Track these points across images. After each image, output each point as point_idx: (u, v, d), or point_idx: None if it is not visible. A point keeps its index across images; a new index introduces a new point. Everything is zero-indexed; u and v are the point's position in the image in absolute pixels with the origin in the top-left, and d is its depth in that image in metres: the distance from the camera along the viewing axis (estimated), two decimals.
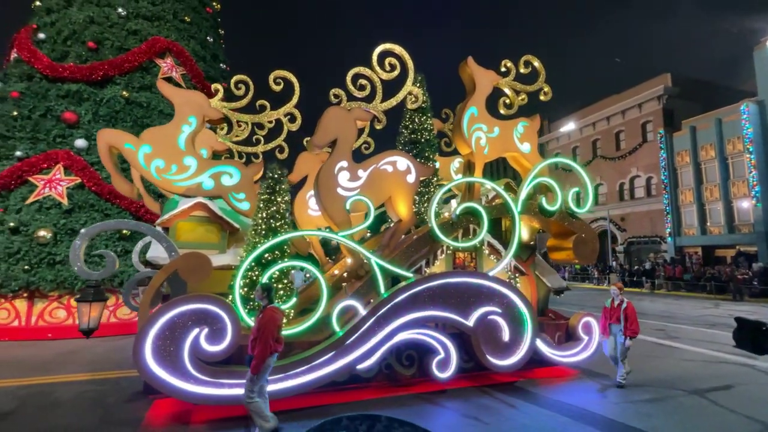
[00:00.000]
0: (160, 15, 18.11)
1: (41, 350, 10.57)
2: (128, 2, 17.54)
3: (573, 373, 8.38)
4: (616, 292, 7.75)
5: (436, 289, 7.30)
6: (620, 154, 38.24)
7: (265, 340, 5.17)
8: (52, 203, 13.63)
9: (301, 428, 5.81)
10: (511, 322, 7.59)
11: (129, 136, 6.89)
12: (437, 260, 8.05)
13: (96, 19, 16.97)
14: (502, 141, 8.78)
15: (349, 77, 7.77)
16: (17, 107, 14.82)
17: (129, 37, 16.83)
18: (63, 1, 17.26)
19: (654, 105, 35.69)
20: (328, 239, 7.76)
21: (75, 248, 5.95)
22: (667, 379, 8.17)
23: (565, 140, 44.93)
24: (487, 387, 7.59)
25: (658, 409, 6.66)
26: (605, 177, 39.75)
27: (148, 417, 6.18)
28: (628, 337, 7.47)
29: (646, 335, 12.59)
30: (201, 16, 19.65)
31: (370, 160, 7.70)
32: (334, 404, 6.66)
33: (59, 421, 6.08)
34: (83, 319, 5.85)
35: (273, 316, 5.32)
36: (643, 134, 36.71)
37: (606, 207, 38.08)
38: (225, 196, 7.23)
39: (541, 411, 6.61)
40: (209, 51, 19.19)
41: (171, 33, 17.96)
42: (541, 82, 9.22)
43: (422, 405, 6.73)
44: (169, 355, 5.87)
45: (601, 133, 40.63)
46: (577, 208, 8.59)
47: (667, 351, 10.75)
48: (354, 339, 6.74)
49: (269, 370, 5.40)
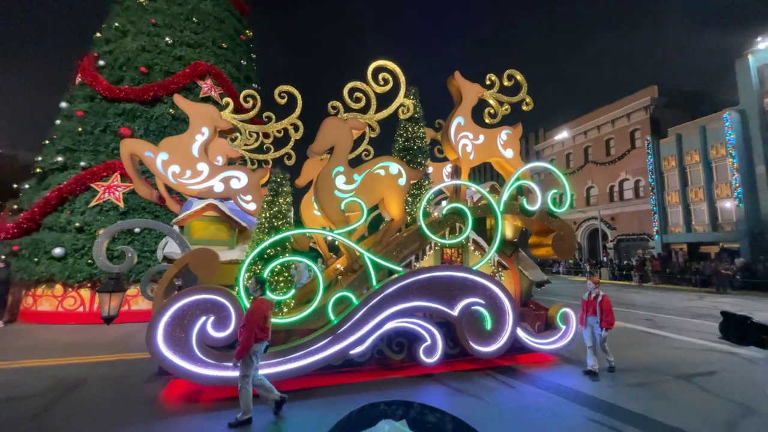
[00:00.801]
0: (201, 42, 18.29)
1: (97, 333, 10.62)
2: (174, 32, 17.71)
3: (552, 359, 8.06)
4: (592, 285, 7.33)
5: (424, 281, 7.03)
6: (610, 160, 37.11)
7: (250, 329, 5.05)
8: (111, 206, 13.91)
9: (301, 407, 5.70)
10: (494, 312, 7.27)
11: (148, 144, 6.85)
12: (426, 255, 7.75)
13: (147, 48, 17.23)
14: (487, 147, 8.43)
15: (345, 90, 7.52)
16: (81, 124, 15.16)
17: (175, 62, 17.04)
18: (119, 33, 17.58)
19: (642, 114, 34.52)
20: (326, 236, 7.47)
21: (98, 245, 5.88)
22: (656, 365, 7.86)
23: (559, 147, 43.95)
24: (472, 371, 7.35)
25: (647, 393, 6.41)
26: (596, 180, 38.63)
27: (163, 395, 6.03)
28: (604, 329, 6.93)
29: (635, 324, 12.24)
30: (236, 43, 19.83)
31: (365, 165, 7.48)
32: (329, 386, 6.51)
33: (80, 399, 6.03)
34: (104, 307, 5.78)
35: (260, 307, 5.22)
36: (632, 141, 35.54)
37: (597, 207, 37.05)
38: (234, 198, 7.12)
39: (536, 391, 6.46)
40: (243, 73, 19.33)
41: (210, 58, 18.13)
42: (524, 93, 8.85)
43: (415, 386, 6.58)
44: (178, 341, 5.81)
45: (593, 140, 39.51)
46: (556, 209, 8.06)
47: (655, 339, 10.31)
48: (347, 327, 6.56)
49: (258, 356, 5.24)
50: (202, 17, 18.60)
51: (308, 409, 5.64)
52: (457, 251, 8.33)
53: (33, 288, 12.59)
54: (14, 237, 13.53)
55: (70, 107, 15.99)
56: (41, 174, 15.06)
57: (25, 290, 12.71)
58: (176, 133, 15.00)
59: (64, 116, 15.93)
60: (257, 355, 5.23)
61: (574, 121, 41.72)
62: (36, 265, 12.70)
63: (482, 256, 8.04)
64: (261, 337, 5.17)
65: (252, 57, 21.05)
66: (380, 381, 6.75)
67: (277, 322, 6.37)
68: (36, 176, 15.25)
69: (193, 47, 18.11)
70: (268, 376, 5.88)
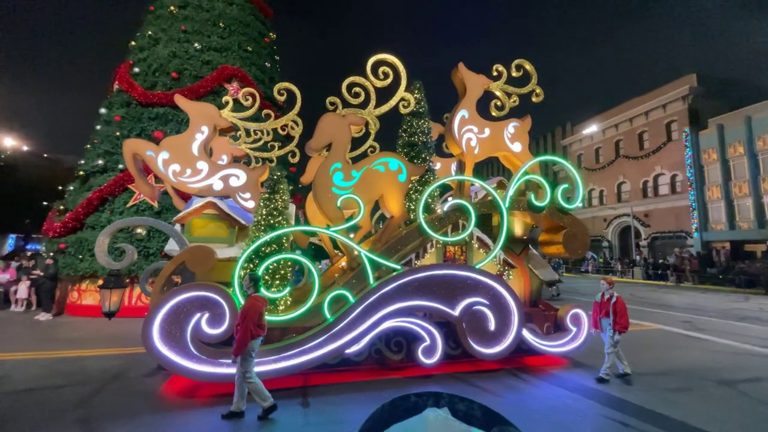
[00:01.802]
0: (227, 46, 18.62)
1: (136, 326, 10.93)
2: (202, 38, 18.11)
3: (562, 362, 7.50)
4: (605, 286, 6.75)
5: (423, 280, 6.73)
6: (644, 154, 34.96)
7: (246, 326, 5.02)
8: (146, 206, 14.26)
9: (295, 405, 5.55)
10: (498, 313, 6.85)
11: (150, 144, 6.91)
12: (427, 254, 7.40)
13: (177, 54, 17.67)
14: (493, 141, 7.96)
15: (344, 86, 7.23)
16: (119, 129, 15.73)
17: (203, 67, 17.44)
18: (152, 41, 18.11)
19: (679, 105, 32.27)
20: (322, 234, 7.24)
21: (99, 242, 5.90)
22: (694, 370, 7.33)
23: (587, 141, 41.94)
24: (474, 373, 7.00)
25: (685, 398, 5.96)
26: (628, 175, 36.56)
27: (162, 390, 6.02)
28: (617, 332, 6.33)
29: (672, 326, 11.48)
30: (260, 45, 20.09)
31: (364, 161, 7.26)
32: (325, 384, 6.36)
33: (83, 390, 6.06)
34: (105, 303, 5.79)
35: (255, 304, 5.19)
36: (668, 133, 33.35)
37: (629, 204, 35.00)
38: (233, 196, 7.05)
39: (562, 392, 6.16)
40: (267, 75, 19.56)
41: (236, 61, 18.43)
42: (533, 84, 8.33)
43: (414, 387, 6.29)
44: (173, 337, 5.78)
45: (624, 133, 37.41)
46: (566, 204, 7.46)
47: (694, 342, 9.61)
48: (343, 326, 6.40)
49: (254, 352, 5.20)
50: (228, 22, 18.93)
51: (301, 407, 5.51)
52: (461, 249, 7.92)
53: (78, 283, 13.19)
54: (61, 235, 14.24)
55: (108, 113, 16.63)
56: (84, 177, 15.75)
57: (71, 285, 13.33)
58: None
59: (104, 122, 16.59)
60: (254, 351, 5.20)
61: (604, 114, 39.76)
62: (80, 262, 13.28)
63: (486, 253, 7.54)
64: (257, 334, 5.15)
65: (276, 59, 21.25)
66: (378, 381, 6.57)
67: (273, 320, 6.25)
68: (79, 179, 15.95)
69: (220, 51, 18.46)
70: (262, 373, 5.82)
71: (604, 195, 39.71)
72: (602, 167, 39.34)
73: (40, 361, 7.47)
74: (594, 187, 40.61)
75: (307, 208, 8.63)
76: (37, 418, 5.01)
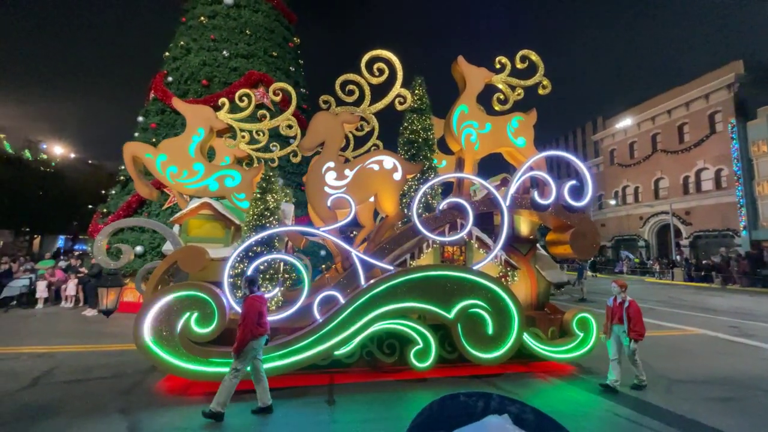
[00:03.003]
0: (253, 53, 18.94)
1: None
2: (230, 45, 18.54)
3: (569, 369, 6.87)
4: (617, 289, 6.16)
5: (416, 281, 6.47)
6: (684, 147, 32.54)
7: (245, 326, 5.06)
8: (180, 208, 14.74)
9: (282, 405, 5.40)
10: (496, 316, 6.41)
11: (149, 147, 7.00)
12: (423, 254, 7.00)
13: (207, 62, 18.13)
14: (494, 137, 7.49)
15: (338, 84, 6.98)
16: (155, 135, 16.31)
17: (231, 74, 17.83)
18: (184, 51, 18.67)
19: (723, 94, 29.74)
20: (310, 234, 7.00)
21: (97, 243, 5.94)
22: (742, 378, 6.74)
23: (621, 136, 39.67)
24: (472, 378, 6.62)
25: (733, 409, 5.48)
26: (667, 171, 34.14)
27: (157, 387, 6.04)
28: (633, 340, 5.73)
29: (717, 332, 10.61)
30: (285, 50, 20.30)
31: (357, 160, 7.05)
32: (315, 385, 6.20)
33: (124, 382, 6.27)
34: (103, 301, 5.83)
35: (253, 304, 5.21)
36: (711, 125, 30.84)
37: (668, 201, 32.63)
38: (228, 197, 7.01)
39: (601, 400, 5.80)
40: (292, 79, 19.80)
41: (262, 67, 18.72)
42: (540, 76, 7.82)
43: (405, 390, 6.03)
44: (164, 335, 5.64)
45: (662, 126, 34.99)
46: (574, 202, 6.83)
47: (741, 349, 8.85)
48: (332, 327, 6.16)
49: (257, 351, 5.23)
50: (254, 29, 19.24)
51: (287, 408, 5.37)
52: (460, 250, 7.45)
53: None
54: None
55: (145, 120, 17.30)
56: (124, 181, 16.48)
57: None
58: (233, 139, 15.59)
59: (141, 129, 17.28)
60: (257, 350, 5.23)
61: (639, 107, 37.42)
62: None
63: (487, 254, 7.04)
64: (259, 333, 5.16)
65: (300, 63, 21.38)
66: (368, 383, 6.35)
67: None
68: (120, 183, 16.67)
69: (247, 58, 18.80)
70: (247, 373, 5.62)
71: (639, 192, 37.34)
72: (637, 162, 36.99)
73: (86, 354, 7.89)
74: (628, 184, 38.31)
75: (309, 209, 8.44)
76: (84, 408, 5.26)
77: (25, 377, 6.35)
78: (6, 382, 6.10)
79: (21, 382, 6.16)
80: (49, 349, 8.09)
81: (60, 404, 5.36)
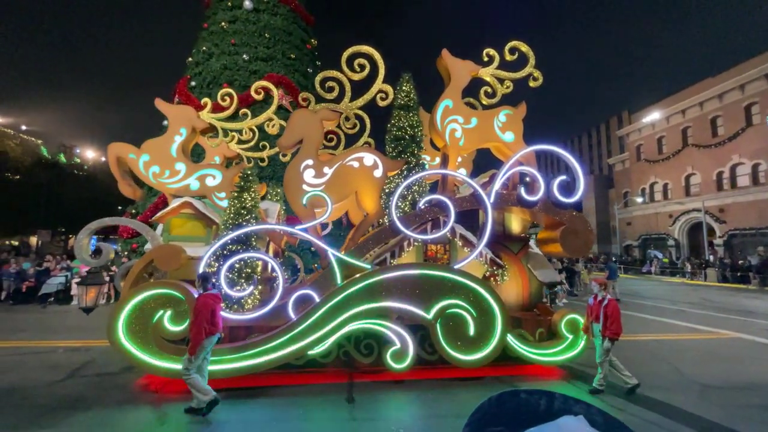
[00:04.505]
0: (272, 56, 19.25)
1: None
2: (250, 49, 18.86)
3: (558, 373, 6.47)
4: (597, 287, 5.74)
5: (393, 280, 6.29)
6: (717, 141, 30.68)
7: (198, 325, 4.98)
8: None
9: (256, 406, 5.40)
10: (479, 316, 6.11)
11: (132, 147, 7.10)
12: (404, 252, 6.76)
13: (228, 66, 18.50)
14: (481, 132, 7.21)
15: (317, 81, 6.87)
16: None
17: (251, 77, 18.26)
18: (206, 56, 19.15)
19: (761, 84, 28.02)
20: (288, 233, 6.92)
21: (79, 241, 6.07)
22: None
23: (648, 131, 37.85)
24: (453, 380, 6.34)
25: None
26: (698, 166, 32.31)
27: (135, 384, 6.12)
28: (607, 338, 5.39)
29: (755, 335, 9.97)
30: (303, 53, 20.53)
31: (337, 157, 6.93)
32: (291, 385, 6.09)
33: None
34: (83, 299, 5.90)
35: (205, 302, 5.11)
36: (747, 118, 28.83)
37: (700, 198, 30.86)
38: (209, 196, 7.05)
39: (625, 403, 5.53)
40: (310, 80, 20.10)
41: (281, 69, 19.01)
42: (531, 67, 7.43)
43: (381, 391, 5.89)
44: (137, 333, 5.64)
45: (693, 120, 33.11)
46: (564, 198, 6.47)
47: None
48: (305, 326, 6.02)
49: (207, 350, 5.15)
50: (272, 32, 19.51)
51: (259, 407, 5.36)
52: (444, 248, 7.17)
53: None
54: (133, 236, 15.44)
55: None
56: None
57: None
58: None
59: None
60: (208, 350, 5.15)
61: (668, 100, 35.63)
62: None
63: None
64: (211, 331, 5.08)
65: (317, 64, 21.46)
66: (347, 384, 6.14)
67: (235, 318, 6.03)
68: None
69: (266, 61, 19.09)
70: (223, 372, 5.76)
71: (668, 188, 35.59)
72: (666, 158, 35.25)
73: None
74: (656, 181, 36.58)
75: None
76: (118, 400, 5.48)
77: (63, 370, 6.66)
78: (45, 374, 6.41)
79: (59, 374, 6.45)
80: (85, 343, 8.44)
81: (95, 396, 5.60)
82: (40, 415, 4.94)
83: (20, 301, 13.88)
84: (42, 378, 6.23)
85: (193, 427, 4.80)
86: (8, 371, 6.54)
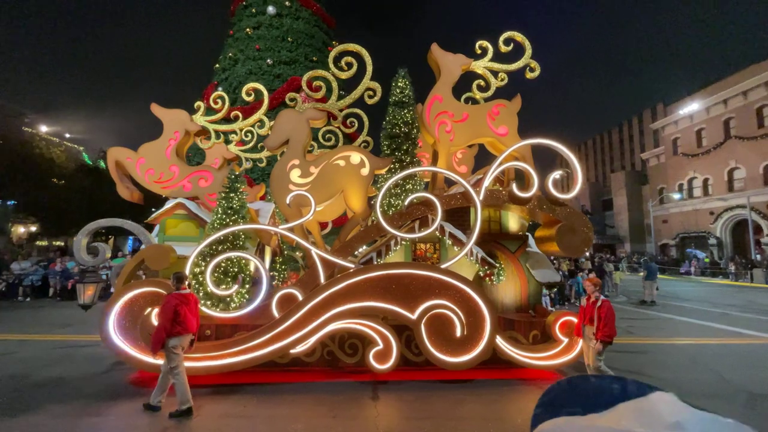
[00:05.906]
0: (294, 59, 19.61)
1: None
2: (273, 53, 19.28)
3: (552, 377, 6.11)
4: (591, 287, 5.35)
5: (377, 279, 6.19)
6: (764, 133, 28.08)
7: (160, 324, 5.00)
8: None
9: (235, 403, 5.41)
10: (466, 317, 5.93)
11: (129, 151, 7.33)
12: (391, 251, 6.62)
13: (253, 70, 19.01)
14: (472, 127, 6.97)
15: (304, 80, 6.85)
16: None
17: (275, 80, 18.58)
18: (232, 62, 19.70)
19: None
20: (271, 232, 6.92)
21: (77, 242, 6.33)
22: None
23: (685, 123, 35.47)
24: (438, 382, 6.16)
25: None
26: (743, 160, 30.03)
27: (131, 378, 6.30)
28: (598, 340, 5.06)
29: None
30: (324, 55, 21.14)
31: (323, 157, 6.87)
32: (274, 383, 6.08)
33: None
34: (81, 296, 6.13)
35: (169, 302, 5.10)
36: None
37: (745, 193, 28.69)
38: (201, 197, 7.08)
39: None
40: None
41: (304, 72, 19.21)
42: (527, 58, 7.10)
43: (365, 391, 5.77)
44: (126, 329, 5.82)
45: (736, 110, 30.75)
46: (559, 194, 6.13)
47: None
48: (288, 325, 6.00)
49: (177, 349, 5.05)
50: (295, 36, 19.87)
51: (238, 405, 5.36)
52: (434, 247, 6.95)
53: None
54: None
55: None
56: None
57: None
58: None
59: None
60: (177, 348, 5.10)
61: (708, 89, 33.27)
62: None
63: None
64: (176, 332, 5.05)
65: None
66: (326, 384, 6.11)
67: (218, 315, 6.07)
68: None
69: (289, 64, 19.47)
70: (205, 369, 5.83)
71: (709, 184, 33.27)
72: (706, 152, 32.96)
73: None
74: (696, 175, 34.28)
75: None
76: (135, 391, 5.70)
77: (104, 363, 6.94)
78: (90, 366, 6.78)
79: (102, 366, 6.80)
80: None
81: (135, 388, 5.83)
82: (87, 405, 5.22)
83: (66, 298, 14.59)
84: (87, 370, 6.61)
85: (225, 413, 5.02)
86: (57, 363, 6.94)
